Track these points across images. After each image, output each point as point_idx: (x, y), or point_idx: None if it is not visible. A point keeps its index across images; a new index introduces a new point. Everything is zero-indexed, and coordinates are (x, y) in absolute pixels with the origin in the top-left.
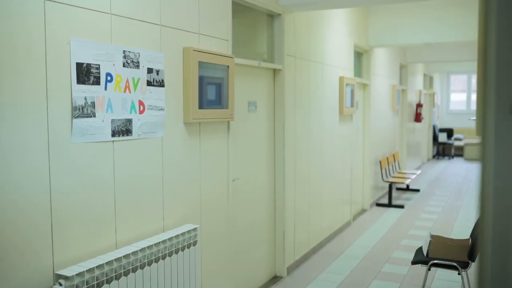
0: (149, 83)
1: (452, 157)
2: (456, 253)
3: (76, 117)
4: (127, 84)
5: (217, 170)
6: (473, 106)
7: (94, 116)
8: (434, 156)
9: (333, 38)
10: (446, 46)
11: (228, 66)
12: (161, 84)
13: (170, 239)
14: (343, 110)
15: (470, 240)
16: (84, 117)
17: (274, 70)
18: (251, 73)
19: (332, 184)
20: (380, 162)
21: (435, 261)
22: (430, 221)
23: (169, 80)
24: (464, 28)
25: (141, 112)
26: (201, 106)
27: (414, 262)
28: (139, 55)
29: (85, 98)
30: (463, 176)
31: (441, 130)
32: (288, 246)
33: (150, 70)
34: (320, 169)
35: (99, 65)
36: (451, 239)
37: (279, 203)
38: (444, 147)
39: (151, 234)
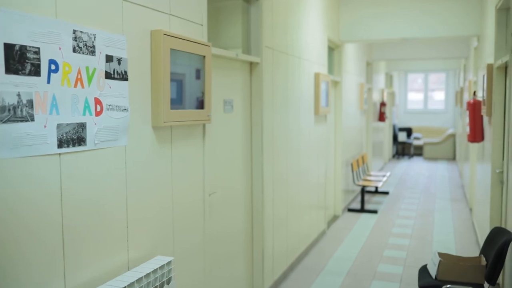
0: (108, 75)
1: (412, 156)
2: (469, 274)
3: (4, 122)
4: (79, 76)
5: (191, 184)
6: (430, 105)
7: (32, 119)
8: (394, 156)
9: (308, 30)
10: (413, 42)
11: (204, 57)
12: (123, 76)
13: (139, 280)
14: (319, 109)
15: (483, 259)
16: (17, 121)
17: (251, 63)
18: (226, 66)
19: (308, 190)
20: (352, 164)
21: (449, 286)
22: (408, 228)
23: (133, 72)
24: (452, 23)
25: (98, 113)
26: (173, 106)
27: (422, 287)
28: (94, 38)
29: (19, 95)
30: (426, 176)
31: (401, 130)
32: (267, 263)
33: (109, 58)
34: (297, 175)
35: (38, 48)
36: (462, 257)
37: (257, 215)
38: (403, 147)
39: (112, 274)
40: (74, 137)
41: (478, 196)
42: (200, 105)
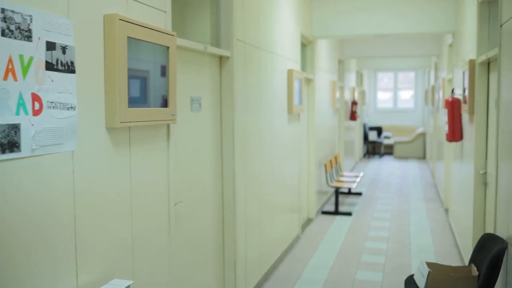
0: (50, 66)
1: (382, 156)
2: (461, 286)
3: None
4: (10, 66)
5: (154, 194)
6: (400, 104)
7: None
8: (364, 155)
9: (281, 24)
10: (385, 40)
11: (168, 48)
12: (69, 68)
13: None
14: (292, 108)
15: (474, 268)
16: None
17: (221, 57)
18: (193, 60)
19: (282, 192)
20: (325, 165)
21: None
22: (384, 230)
23: (82, 63)
24: (427, 19)
25: (36, 112)
26: (131, 104)
27: None
28: (31, 20)
29: None
30: (398, 176)
31: (371, 129)
32: (239, 274)
33: (51, 46)
34: (271, 177)
35: None
36: (451, 267)
37: (228, 221)
38: (374, 146)
39: None
40: (4, 142)
41: (455, 196)
42: (164, 103)
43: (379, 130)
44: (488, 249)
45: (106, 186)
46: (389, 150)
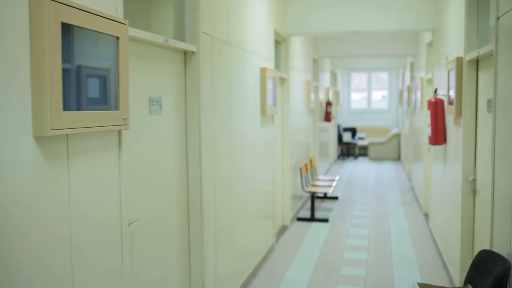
0: None
1: (357, 157)
2: None
3: None
4: None
5: (102, 215)
6: (374, 105)
7: None
8: (339, 157)
9: (254, 19)
10: (360, 40)
11: (118, 38)
12: None
13: None
14: (266, 110)
15: None
16: None
17: (185, 52)
18: (153, 55)
19: (255, 200)
20: (300, 169)
21: None
22: (363, 238)
23: None
24: (406, 16)
25: None
26: (69, 106)
27: None
28: None
29: None
30: (374, 178)
31: (345, 130)
32: None
33: None
34: (242, 185)
35: None
36: None
37: (195, 235)
38: (348, 147)
39: None
40: None
41: (437, 201)
42: (113, 105)
43: (353, 131)
44: (488, 269)
45: (34, 209)
46: (363, 152)
